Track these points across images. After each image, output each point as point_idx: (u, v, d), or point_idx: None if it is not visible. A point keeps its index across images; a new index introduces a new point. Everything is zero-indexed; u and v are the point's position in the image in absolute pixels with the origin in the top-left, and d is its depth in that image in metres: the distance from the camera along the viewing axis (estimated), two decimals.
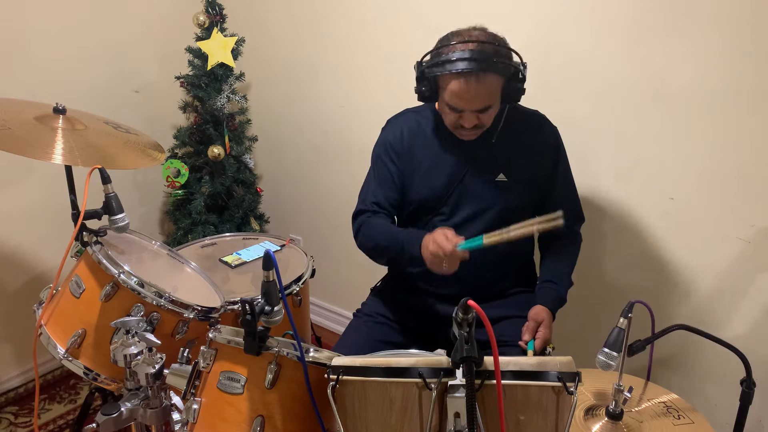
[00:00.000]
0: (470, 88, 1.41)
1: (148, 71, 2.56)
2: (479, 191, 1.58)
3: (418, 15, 2.09)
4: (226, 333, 1.17)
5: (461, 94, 1.42)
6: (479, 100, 1.44)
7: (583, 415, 1.30)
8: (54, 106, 1.59)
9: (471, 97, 1.43)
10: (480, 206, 1.58)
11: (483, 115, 1.48)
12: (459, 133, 1.54)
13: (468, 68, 1.39)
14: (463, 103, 1.44)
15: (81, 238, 1.41)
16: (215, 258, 1.96)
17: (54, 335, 1.38)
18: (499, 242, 1.36)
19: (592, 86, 1.80)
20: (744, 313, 1.71)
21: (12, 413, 2.21)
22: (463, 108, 1.45)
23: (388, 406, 1.01)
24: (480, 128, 1.52)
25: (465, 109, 1.46)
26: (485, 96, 1.44)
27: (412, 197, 1.63)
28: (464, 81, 1.40)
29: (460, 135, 1.55)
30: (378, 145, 1.69)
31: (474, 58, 1.39)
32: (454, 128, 1.53)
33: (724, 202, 1.67)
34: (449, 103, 1.46)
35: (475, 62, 1.39)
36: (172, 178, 2.42)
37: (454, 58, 1.40)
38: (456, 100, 1.44)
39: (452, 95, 1.44)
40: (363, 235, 1.63)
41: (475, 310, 0.93)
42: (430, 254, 1.39)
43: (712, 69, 1.59)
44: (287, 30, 2.50)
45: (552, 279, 1.61)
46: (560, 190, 1.65)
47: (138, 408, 1.22)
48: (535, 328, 1.50)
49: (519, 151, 1.59)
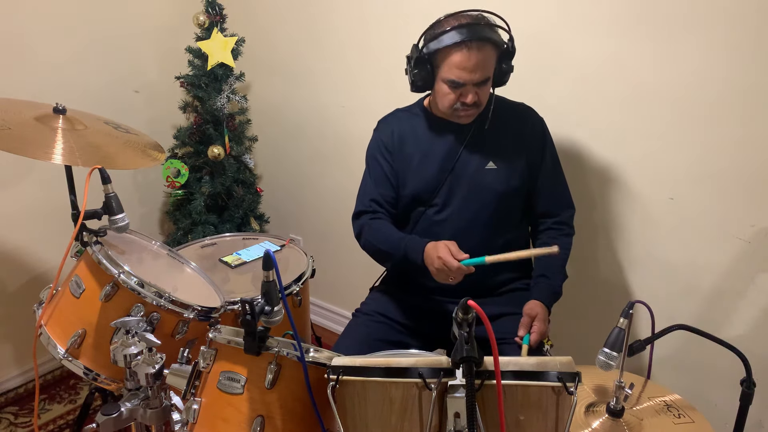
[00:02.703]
0: (472, 56, 1.44)
1: (148, 71, 2.56)
2: (470, 180, 1.61)
3: (418, 15, 2.09)
4: (226, 333, 1.17)
5: (463, 64, 1.45)
6: (481, 70, 1.47)
7: (583, 412, 1.30)
8: (54, 106, 1.59)
9: (473, 66, 1.45)
10: (471, 194, 1.61)
11: (481, 91, 1.51)
12: (457, 115, 1.56)
13: (469, 36, 1.42)
14: (465, 74, 1.46)
15: (81, 238, 1.40)
16: (215, 258, 1.96)
17: (54, 335, 1.38)
18: (499, 261, 1.38)
19: (592, 86, 1.80)
20: (744, 313, 1.71)
21: (12, 413, 2.21)
22: (465, 81, 1.47)
23: (388, 406, 1.01)
24: (477, 107, 1.54)
25: (467, 82, 1.48)
26: (485, 65, 1.47)
27: (405, 191, 1.66)
28: (466, 50, 1.43)
29: (457, 117, 1.57)
30: (371, 145, 1.72)
31: (474, 26, 1.44)
32: (453, 110, 1.54)
33: (724, 202, 1.67)
34: (450, 77, 1.48)
35: (478, 28, 1.43)
36: (172, 178, 2.42)
37: (454, 29, 1.43)
38: (458, 72, 1.46)
39: (453, 67, 1.46)
40: (366, 239, 1.66)
41: (475, 310, 0.93)
42: (436, 269, 1.43)
43: (713, 69, 1.59)
44: (287, 30, 2.50)
45: (545, 273, 1.62)
46: (548, 177, 1.67)
47: (138, 408, 1.22)
48: (529, 323, 1.51)
49: (507, 139, 1.62)
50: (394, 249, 1.58)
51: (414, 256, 1.50)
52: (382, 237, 1.62)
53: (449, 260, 1.39)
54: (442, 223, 1.62)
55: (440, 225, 1.62)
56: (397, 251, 1.56)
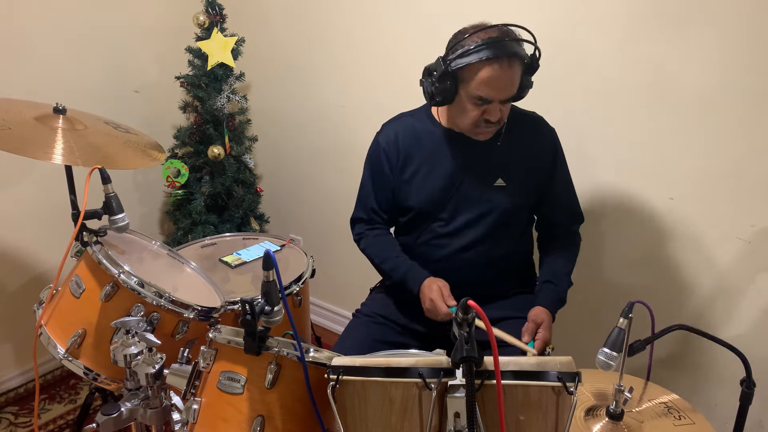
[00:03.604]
0: (504, 73, 1.39)
1: (148, 71, 2.56)
2: (478, 197, 1.57)
3: (418, 14, 2.09)
4: (226, 333, 1.17)
5: (493, 82, 1.39)
6: (509, 87, 1.43)
7: (583, 416, 1.30)
8: (54, 106, 1.59)
9: (504, 84, 1.41)
10: (479, 211, 1.58)
11: (505, 108, 1.47)
12: (477, 132, 1.51)
13: (501, 53, 1.37)
14: (494, 91, 1.41)
15: (81, 238, 1.40)
16: (215, 258, 1.96)
17: (54, 335, 1.38)
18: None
19: (592, 86, 1.80)
20: (744, 313, 1.71)
21: (12, 413, 2.21)
22: (493, 98, 1.42)
23: (388, 406, 1.01)
24: (499, 125, 1.50)
25: (494, 99, 1.43)
26: (514, 82, 1.43)
27: (410, 204, 1.62)
28: (498, 66, 1.38)
29: (476, 134, 1.52)
30: (373, 149, 1.68)
31: (504, 42, 1.38)
32: (475, 126, 1.49)
33: (724, 202, 1.67)
34: (478, 94, 1.42)
35: (506, 45, 1.38)
36: (172, 178, 2.42)
37: (486, 44, 1.37)
38: (487, 90, 1.41)
39: (482, 84, 1.40)
40: (366, 251, 1.69)
41: (475, 310, 0.93)
42: (426, 309, 1.53)
43: (713, 69, 1.59)
44: (287, 30, 2.50)
45: (551, 279, 1.60)
46: (559, 191, 1.65)
47: (138, 408, 1.22)
48: (534, 329, 1.49)
49: (518, 153, 1.58)
50: (393, 272, 1.61)
51: (411, 286, 1.56)
52: (384, 255, 1.64)
53: (439, 305, 1.47)
54: (446, 236, 1.60)
55: (444, 238, 1.61)
56: (395, 274, 1.60)
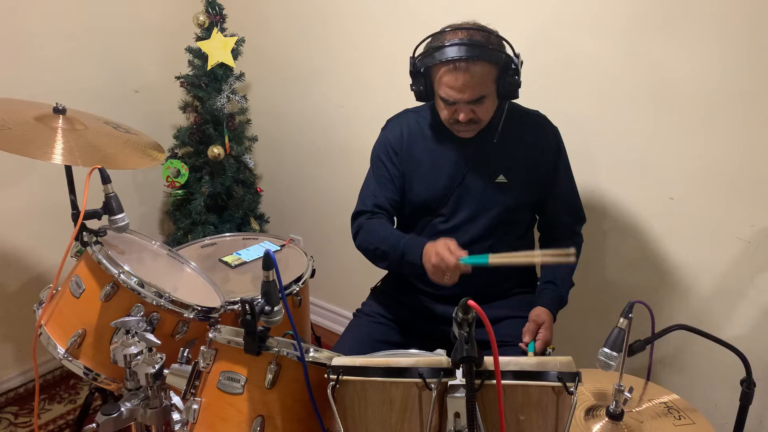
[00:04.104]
0: (459, 76, 1.39)
1: (148, 71, 2.56)
2: (479, 193, 1.57)
3: (418, 14, 2.09)
4: (226, 333, 1.17)
5: (451, 83, 1.41)
6: (471, 90, 1.41)
7: (583, 416, 1.30)
8: (54, 106, 1.59)
9: (462, 86, 1.41)
10: (480, 207, 1.58)
11: (478, 108, 1.46)
12: (455, 130, 1.52)
13: (457, 56, 1.37)
14: (454, 93, 1.42)
15: (81, 238, 1.40)
16: (215, 258, 1.96)
17: (54, 335, 1.38)
18: (503, 264, 1.35)
19: (592, 86, 1.80)
20: (744, 313, 1.71)
21: (12, 413, 2.21)
22: (455, 99, 1.43)
23: (388, 406, 1.01)
24: (476, 123, 1.49)
25: (458, 101, 1.44)
26: (477, 85, 1.41)
27: (411, 198, 1.63)
28: (454, 69, 1.39)
29: (456, 131, 1.53)
30: (377, 145, 1.68)
31: (463, 44, 1.38)
32: (450, 124, 1.51)
33: (724, 202, 1.67)
34: (442, 95, 1.45)
35: (465, 48, 1.38)
36: (172, 178, 2.42)
37: (444, 46, 1.39)
38: (448, 91, 1.43)
39: (443, 85, 1.43)
40: (362, 238, 1.61)
41: (475, 310, 0.93)
42: (432, 266, 1.37)
43: (713, 69, 1.59)
44: (287, 30, 2.50)
45: (553, 280, 1.60)
46: (561, 190, 1.64)
47: (138, 408, 1.22)
48: (535, 329, 1.49)
49: (520, 151, 1.58)
50: (391, 248, 1.51)
51: (412, 257, 1.44)
52: (380, 236, 1.56)
53: (446, 256, 1.34)
54: (447, 232, 1.59)
55: (445, 234, 1.58)
56: (394, 251, 1.50)
